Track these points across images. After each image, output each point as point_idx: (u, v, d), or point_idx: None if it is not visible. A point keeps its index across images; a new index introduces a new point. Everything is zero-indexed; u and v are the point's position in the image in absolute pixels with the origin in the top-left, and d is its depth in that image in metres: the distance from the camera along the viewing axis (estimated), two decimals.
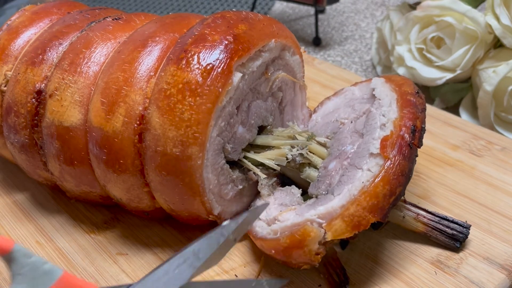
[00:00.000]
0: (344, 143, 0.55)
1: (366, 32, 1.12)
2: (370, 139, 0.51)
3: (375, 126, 0.52)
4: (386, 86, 0.56)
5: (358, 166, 0.50)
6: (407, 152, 0.48)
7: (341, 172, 0.52)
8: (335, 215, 0.47)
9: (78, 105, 0.54)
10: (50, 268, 0.33)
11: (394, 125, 0.50)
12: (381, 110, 0.53)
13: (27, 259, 0.33)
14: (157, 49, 0.53)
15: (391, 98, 0.53)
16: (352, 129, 0.56)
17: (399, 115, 0.51)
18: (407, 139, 0.49)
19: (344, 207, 0.47)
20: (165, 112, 0.48)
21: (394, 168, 0.48)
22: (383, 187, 0.47)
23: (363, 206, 0.46)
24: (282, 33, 0.56)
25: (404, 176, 0.48)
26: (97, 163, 0.53)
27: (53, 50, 0.58)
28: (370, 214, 0.46)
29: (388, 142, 0.49)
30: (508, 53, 0.76)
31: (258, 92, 0.56)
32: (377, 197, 0.47)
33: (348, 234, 0.46)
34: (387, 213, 0.47)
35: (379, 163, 0.48)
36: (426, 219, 0.54)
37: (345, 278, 0.51)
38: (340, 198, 0.48)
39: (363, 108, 0.58)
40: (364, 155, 0.50)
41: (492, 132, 0.70)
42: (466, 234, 0.53)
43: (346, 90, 0.64)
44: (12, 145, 0.59)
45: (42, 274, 0.33)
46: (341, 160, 0.53)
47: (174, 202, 0.52)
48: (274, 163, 0.55)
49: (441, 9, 0.79)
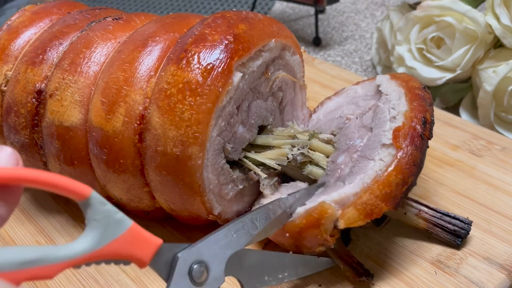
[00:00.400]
0: (352, 137, 0.55)
1: (366, 32, 1.12)
2: (380, 132, 0.51)
3: (384, 119, 0.52)
4: (392, 82, 0.57)
5: (369, 157, 0.50)
6: (419, 142, 0.49)
7: (351, 165, 0.52)
8: (348, 202, 0.47)
9: (78, 105, 0.54)
10: (121, 218, 0.35)
11: (405, 116, 0.51)
12: (390, 104, 0.53)
13: (103, 206, 0.34)
14: (157, 49, 0.53)
15: (399, 93, 0.54)
16: (359, 124, 0.56)
17: (409, 108, 0.51)
18: (419, 130, 0.49)
19: (357, 195, 0.47)
20: (166, 111, 0.48)
21: (406, 157, 0.48)
22: (396, 176, 0.47)
23: (376, 194, 0.47)
24: (282, 33, 0.56)
25: (416, 166, 0.48)
26: (97, 163, 0.53)
27: (53, 50, 0.58)
28: (383, 203, 0.47)
29: (401, 133, 0.49)
30: (508, 53, 0.76)
31: (258, 92, 0.56)
32: (390, 186, 0.47)
33: (360, 223, 0.47)
34: (399, 202, 0.48)
35: (391, 153, 0.49)
36: (428, 215, 0.54)
37: (365, 270, 0.51)
38: (353, 186, 0.48)
39: (368, 104, 0.58)
40: (375, 147, 0.50)
41: (492, 132, 0.70)
42: (467, 230, 0.54)
43: (348, 89, 0.64)
44: (12, 145, 0.59)
45: (114, 222, 0.34)
46: (350, 153, 0.53)
47: (174, 202, 0.52)
48: (275, 162, 0.55)
49: (441, 9, 0.79)
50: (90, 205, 0.33)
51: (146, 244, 0.36)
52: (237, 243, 0.45)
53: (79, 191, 0.33)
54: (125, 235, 0.35)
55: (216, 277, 0.42)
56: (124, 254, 0.35)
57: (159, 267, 0.38)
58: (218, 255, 0.43)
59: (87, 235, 0.34)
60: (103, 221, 0.34)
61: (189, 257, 0.40)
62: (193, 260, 0.40)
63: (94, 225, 0.34)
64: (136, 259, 0.36)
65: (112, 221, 0.34)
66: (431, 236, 0.55)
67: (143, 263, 0.37)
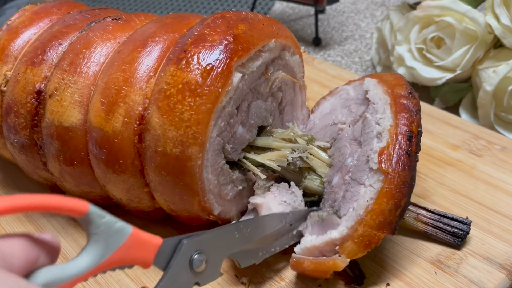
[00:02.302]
0: (344, 153, 0.55)
1: (366, 32, 1.12)
2: (368, 150, 0.51)
3: (371, 135, 0.52)
4: (379, 88, 0.55)
5: (360, 181, 0.50)
6: (406, 161, 0.48)
7: (344, 188, 0.52)
8: (346, 237, 0.47)
9: (78, 105, 0.54)
10: (121, 226, 0.35)
11: (390, 133, 0.50)
12: (376, 117, 0.52)
13: (102, 219, 0.34)
14: (157, 49, 0.53)
15: (384, 103, 0.53)
16: (350, 136, 0.56)
17: (394, 122, 0.50)
18: (404, 148, 0.49)
19: (353, 228, 0.47)
20: (165, 112, 0.48)
21: (395, 181, 0.47)
22: (387, 203, 0.47)
23: (370, 225, 0.47)
24: (282, 33, 0.56)
25: (406, 186, 0.48)
26: (97, 163, 0.53)
27: (53, 50, 0.58)
28: (379, 232, 0.47)
29: (385, 155, 0.48)
30: (508, 53, 0.76)
31: (258, 92, 0.56)
32: (383, 214, 0.47)
33: (361, 254, 0.47)
34: (396, 225, 0.48)
35: (379, 178, 0.48)
36: (426, 218, 0.54)
37: (360, 272, 0.51)
38: (347, 219, 0.48)
39: (359, 110, 0.58)
40: (364, 169, 0.50)
41: (492, 132, 0.70)
42: (467, 230, 0.53)
43: (341, 90, 0.63)
44: (12, 145, 0.59)
45: (114, 232, 0.35)
46: (343, 175, 0.53)
47: (174, 202, 0.52)
48: (274, 163, 0.55)
49: (441, 9, 0.79)
50: (89, 220, 0.34)
51: (147, 246, 0.37)
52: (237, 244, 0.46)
53: (77, 208, 0.33)
54: (127, 243, 0.35)
55: (213, 271, 0.43)
56: (127, 260, 0.36)
57: (160, 262, 0.39)
58: (219, 250, 0.44)
59: (91, 250, 0.34)
60: (104, 233, 0.34)
61: (193, 245, 0.41)
62: (196, 248, 0.42)
63: (95, 239, 0.34)
64: (139, 262, 0.37)
65: (112, 231, 0.35)
66: (431, 238, 0.55)
67: (146, 264, 0.37)
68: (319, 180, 0.55)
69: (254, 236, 0.48)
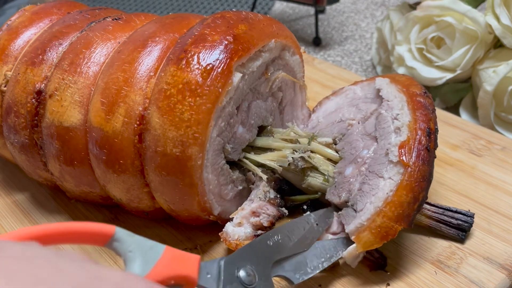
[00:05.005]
0: (356, 146, 0.55)
1: (366, 32, 1.12)
2: (386, 144, 0.51)
3: (388, 130, 0.52)
4: (393, 86, 0.56)
5: (379, 174, 0.50)
6: (426, 156, 0.49)
7: (360, 179, 0.52)
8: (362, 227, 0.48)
9: (78, 105, 0.54)
10: (153, 243, 0.36)
11: (409, 128, 0.50)
12: (393, 113, 0.53)
13: (132, 238, 0.35)
14: (157, 49, 0.53)
15: (401, 100, 0.53)
16: (362, 132, 0.56)
17: (413, 118, 0.51)
18: (424, 143, 0.49)
19: (370, 220, 0.47)
20: (165, 112, 0.48)
21: (415, 174, 0.48)
22: (407, 195, 0.47)
23: (389, 217, 0.47)
24: (282, 33, 0.56)
25: (425, 181, 0.48)
26: (97, 164, 0.53)
27: (53, 50, 0.58)
28: (396, 224, 0.47)
29: (406, 148, 0.49)
30: (508, 53, 0.76)
31: (258, 92, 0.56)
32: (402, 206, 0.47)
33: (377, 245, 0.47)
34: (413, 219, 0.48)
35: (399, 171, 0.48)
36: (430, 212, 0.54)
37: (381, 255, 0.51)
38: (365, 212, 0.48)
39: (370, 108, 0.58)
40: (383, 162, 0.50)
41: (492, 132, 0.70)
42: (470, 222, 0.54)
43: (347, 90, 0.63)
44: (12, 145, 0.59)
45: (149, 249, 0.35)
46: (358, 166, 0.53)
47: (174, 202, 0.52)
48: (275, 163, 0.55)
49: (441, 9, 0.79)
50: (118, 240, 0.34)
51: (187, 261, 0.37)
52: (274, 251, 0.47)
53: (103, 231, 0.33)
54: (164, 258, 0.35)
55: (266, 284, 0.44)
56: (171, 275, 0.35)
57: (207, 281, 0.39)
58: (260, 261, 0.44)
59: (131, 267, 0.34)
60: (138, 250, 0.35)
61: (232, 263, 0.42)
62: (237, 265, 0.42)
63: (132, 257, 0.34)
64: (184, 277, 0.36)
65: (146, 248, 0.35)
66: (435, 232, 0.55)
67: (192, 281, 0.37)
68: (322, 178, 0.56)
69: (288, 241, 0.48)
